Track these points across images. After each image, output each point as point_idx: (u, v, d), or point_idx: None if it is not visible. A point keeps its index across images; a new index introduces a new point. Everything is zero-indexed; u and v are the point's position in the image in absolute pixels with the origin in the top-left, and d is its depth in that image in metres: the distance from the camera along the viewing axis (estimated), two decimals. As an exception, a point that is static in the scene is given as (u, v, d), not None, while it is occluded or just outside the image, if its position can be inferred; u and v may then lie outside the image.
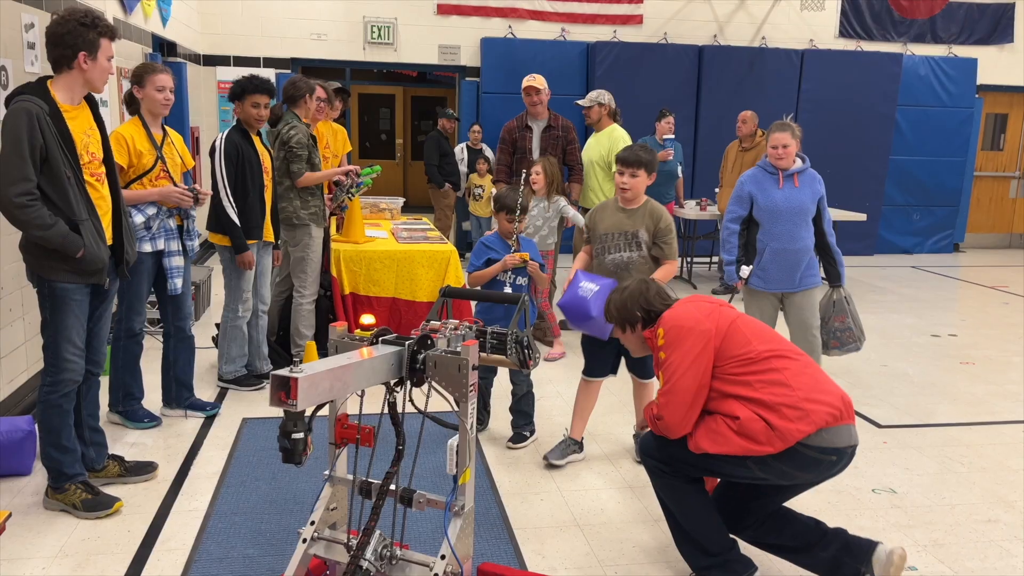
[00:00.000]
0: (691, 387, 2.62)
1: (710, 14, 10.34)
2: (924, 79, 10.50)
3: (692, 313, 2.72)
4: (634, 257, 3.68)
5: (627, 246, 3.69)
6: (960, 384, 5.27)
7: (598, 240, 3.76)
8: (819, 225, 4.47)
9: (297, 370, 2.02)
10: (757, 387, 2.57)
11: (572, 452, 3.86)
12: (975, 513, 3.47)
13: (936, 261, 10.40)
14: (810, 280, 4.48)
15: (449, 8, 9.78)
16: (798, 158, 4.47)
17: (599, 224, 3.78)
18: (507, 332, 2.63)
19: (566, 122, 5.82)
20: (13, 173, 2.88)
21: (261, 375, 4.78)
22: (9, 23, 4.01)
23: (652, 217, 3.70)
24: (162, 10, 7.35)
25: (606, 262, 3.72)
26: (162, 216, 3.88)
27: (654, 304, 2.84)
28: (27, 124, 2.88)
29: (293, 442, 2.11)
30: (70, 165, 3.01)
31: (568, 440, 3.89)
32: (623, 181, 3.70)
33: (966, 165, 10.95)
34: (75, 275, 3.09)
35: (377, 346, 2.41)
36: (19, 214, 2.91)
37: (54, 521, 3.17)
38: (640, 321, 2.86)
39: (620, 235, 3.70)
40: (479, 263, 4.03)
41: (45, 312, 3.13)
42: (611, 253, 3.71)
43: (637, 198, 3.74)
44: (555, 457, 3.81)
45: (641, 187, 3.71)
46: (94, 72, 3.10)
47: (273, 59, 9.46)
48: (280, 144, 4.79)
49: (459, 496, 2.46)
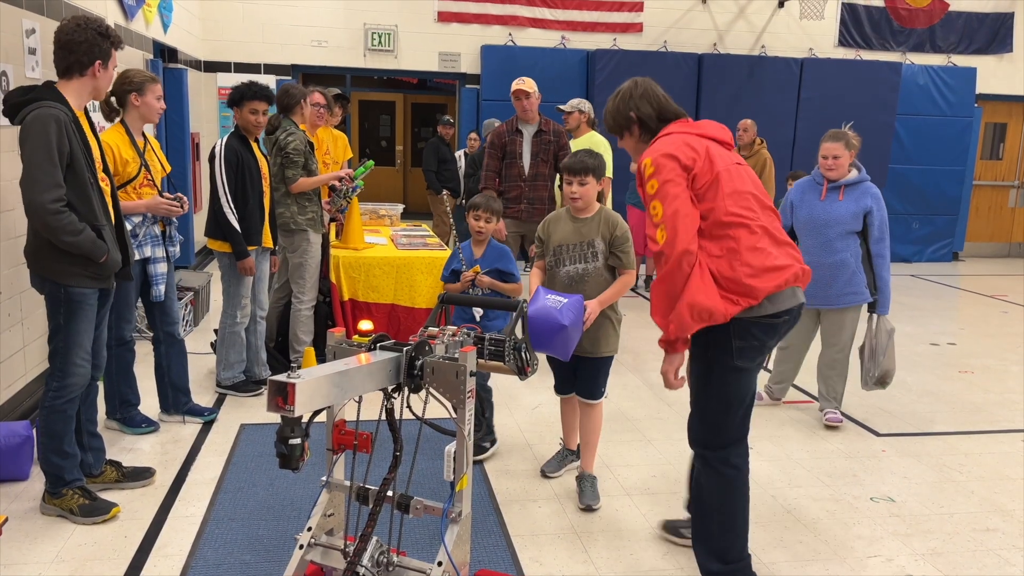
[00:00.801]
0: (680, 210, 2.55)
1: (710, 23, 10.38)
2: (923, 88, 10.54)
3: (678, 145, 2.63)
4: (589, 268, 3.43)
5: (582, 257, 3.45)
6: (959, 393, 5.27)
7: (551, 252, 3.52)
8: (866, 241, 4.28)
9: (294, 375, 2.02)
10: (712, 253, 2.58)
11: (569, 462, 3.82)
12: (973, 522, 3.47)
13: (935, 270, 10.42)
14: (850, 298, 4.31)
15: (449, 15, 9.82)
16: (853, 168, 4.31)
17: (552, 235, 3.53)
18: (505, 339, 2.63)
19: (557, 127, 5.63)
20: (46, 180, 2.90)
21: (259, 381, 4.77)
22: (10, 28, 4.02)
23: (608, 224, 3.45)
24: (163, 16, 7.37)
25: (560, 275, 3.47)
26: (147, 223, 3.89)
27: (641, 107, 2.77)
28: (56, 131, 2.90)
29: (290, 448, 2.11)
30: (91, 171, 3.04)
31: (563, 451, 3.85)
32: (572, 191, 3.43)
33: (965, 174, 10.98)
34: (91, 280, 3.11)
35: (375, 352, 2.41)
36: (52, 220, 2.92)
37: (51, 526, 3.16)
38: (636, 124, 2.79)
39: (575, 246, 3.46)
40: (446, 273, 3.95)
41: (58, 318, 3.12)
42: (565, 265, 3.47)
43: (589, 206, 3.49)
44: (551, 469, 3.78)
45: (592, 194, 3.47)
46: (103, 81, 3.15)
47: (274, 65, 9.49)
48: (277, 150, 4.80)
49: (456, 502, 2.46)
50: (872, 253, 4.29)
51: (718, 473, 2.74)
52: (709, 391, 2.71)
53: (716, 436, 2.74)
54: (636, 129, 2.81)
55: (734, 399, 2.71)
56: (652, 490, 3.66)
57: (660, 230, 2.55)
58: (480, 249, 3.91)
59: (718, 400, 2.71)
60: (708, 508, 2.78)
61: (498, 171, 5.57)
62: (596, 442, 3.61)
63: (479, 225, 3.87)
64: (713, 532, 2.77)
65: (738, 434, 2.76)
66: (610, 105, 2.86)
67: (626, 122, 2.81)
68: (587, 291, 3.38)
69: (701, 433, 2.78)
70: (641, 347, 5.84)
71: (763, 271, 2.57)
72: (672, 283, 2.55)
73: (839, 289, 4.32)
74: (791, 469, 3.95)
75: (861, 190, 4.30)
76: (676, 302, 2.55)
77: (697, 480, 2.82)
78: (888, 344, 4.33)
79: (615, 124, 2.85)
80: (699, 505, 2.82)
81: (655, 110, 2.78)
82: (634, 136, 2.83)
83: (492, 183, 5.55)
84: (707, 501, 2.78)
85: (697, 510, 2.84)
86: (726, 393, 2.70)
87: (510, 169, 5.49)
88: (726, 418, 2.72)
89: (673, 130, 2.72)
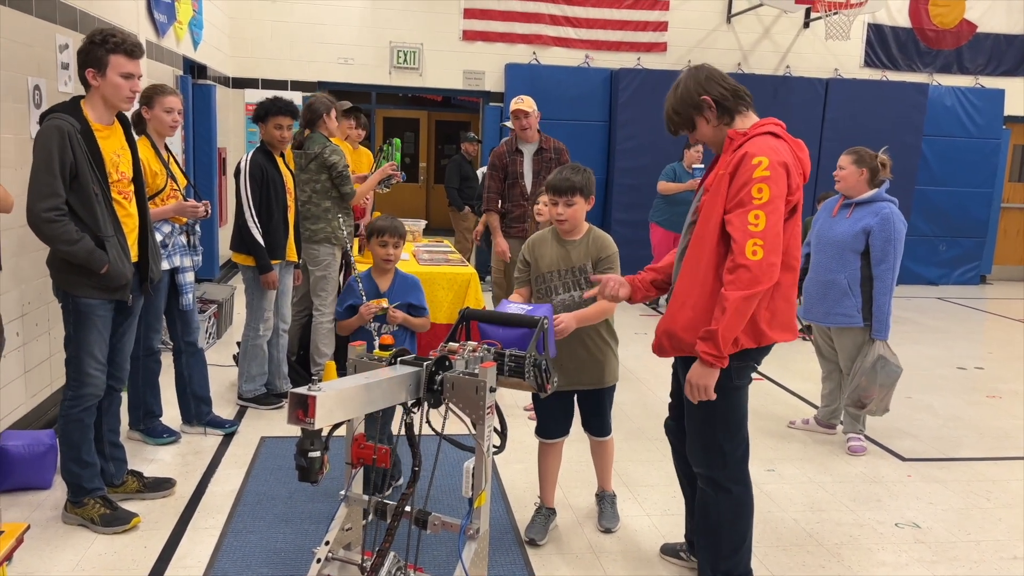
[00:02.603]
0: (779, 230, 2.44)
1: (734, 42, 10.37)
2: (950, 109, 10.44)
3: (792, 160, 2.52)
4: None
5: (576, 284, 3.20)
6: (986, 418, 5.18)
7: (539, 279, 3.25)
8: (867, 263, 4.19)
9: (315, 388, 2.02)
10: None
11: (553, 522, 3.41)
12: (1000, 550, 3.40)
13: (962, 293, 10.27)
14: (838, 319, 4.24)
15: (474, 34, 9.89)
16: (874, 188, 4.22)
17: (539, 259, 3.25)
18: (525, 355, 2.62)
19: (558, 144, 5.49)
20: (43, 189, 2.94)
21: (280, 394, 4.80)
22: (43, 43, 4.10)
23: (596, 246, 3.21)
24: (194, 34, 7.50)
25: (555, 303, 3.18)
26: (175, 233, 3.94)
27: (711, 89, 2.58)
28: (58, 141, 2.94)
29: (309, 460, 2.12)
30: (98, 182, 3.06)
31: (544, 511, 3.41)
32: (558, 212, 3.17)
33: (993, 196, 10.84)
34: (99, 291, 3.13)
35: (395, 366, 2.41)
36: (46, 229, 2.96)
37: (72, 535, 3.19)
38: (711, 107, 2.59)
39: (566, 272, 3.21)
40: (341, 308, 3.54)
41: (69, 327, 3.18)
42: (559, 293, 3.21)
43: (577, 228, 3.22)
44: (539, 536, 3.29)
45: (580, 215, 3.20)
46: (106, 89, 3.11)
47: (300, 82, 9.60)
48: (321, 167, 4.83)
49: (474, 519, 2.45)
50: (872, 275, 4.18)
51: (727, 491, 2.74)
52: (716, 414, 2.67)
53: (724, 457, 2.72)
54: (711, 113, 2.60)
55: (738, 418, 2.72)
56: (671, 511, 3.62)
57: (754, 243, 2.38)
58: (386, 280, 3.54)
59: (724, 422, 2.69)
60: (717, 527, 2.76)
61: (500, 192, 5.49)
62: (611, 464, 3.52)
63: (386, 252, 3.49)
64: (722, 552, 2.76)
65: (743, 451, 2.76)
66: (671, 101, 2.67)
67: (697, 109, 2.61)
68: None
69: (709, 457, 2.75)
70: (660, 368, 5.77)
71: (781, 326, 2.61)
72: (751, 304, 2.42)
73: (827, 308, 4.28)
74: (814, 492, 3.90)
75: (871, 210, 4.19)
76: (745, 319, 2.45)
77: (703, 503, 2.80)
78: (873, 370, 4.15)
79: (682, 118, 2.65)
80: (707, 524, 2.79)
81: (727, 88, 2.60)
82: (710, 122, 2.62)
83: (494, 205, 5.49)
84: (716, 521, 2.76)
85: (704, 529, 2.81)
86: (731, 414, 2.70)
87: (512, 189, 5.42)
88: (734, 437, 2.72)
89: (778, 132, 2.56)
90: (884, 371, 4.16)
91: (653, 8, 10.11)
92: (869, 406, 4.25)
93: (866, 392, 4.20)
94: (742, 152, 2.47)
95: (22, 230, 3.42)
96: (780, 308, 2.59)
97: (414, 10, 9.72)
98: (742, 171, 2.44)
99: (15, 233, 3.71)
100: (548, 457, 3.39)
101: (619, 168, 9.60)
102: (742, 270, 2.39)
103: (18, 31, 3.82)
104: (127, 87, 3.14)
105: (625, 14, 10.07)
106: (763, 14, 10.20)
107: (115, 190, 3.18)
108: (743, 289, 2.39)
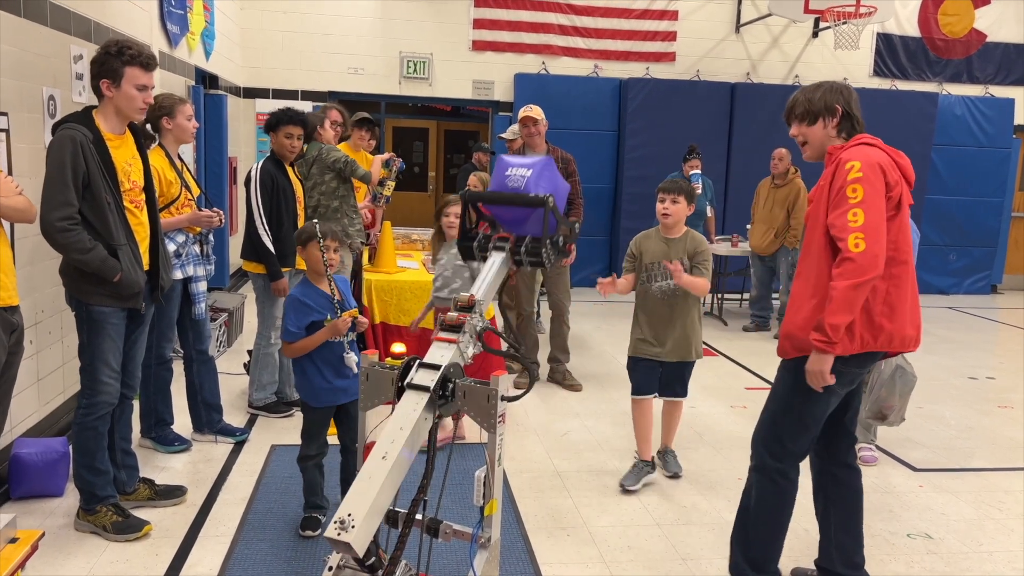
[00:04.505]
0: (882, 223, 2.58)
1: (743, 52, 10.38)
2: (960, 119, 10.41)
3: (887, 161, 2.68)
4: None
5: (672, 274, 3.80)
6: (998, 428, 5.15)
7: (643, 269, 3.92)
8: None
9: (347, 534, 1.97)
10: None
11: (646, 474, 3.96)
12: (1014, 561, 3.37)
13: (973, 302, 10.22)
14: None
15: (484, 44, 9.93)
16: None
17: (644, 252, 3.93)
18: (540, 239, 2.43)
19: (565, 154, 5.42)
20: (56, 198, 2.97)
21: (291, 402, 4.81)
22: (58, 54, 4.14)
23: (692, 244, 3.87)
24: (206, 44, 7.55)
25: (652, 290, 3.88)
26: (189, 243, 3.97)
27: (851, 105, 2.82)
28: (71, 151, 2.97)
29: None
30: (111, 191, 3.09)
31: (640, 464, 3.98)
32: (664, 208, 3.83)
33: (1004, 206, 10.79)
34: (112, 299, 3.15)
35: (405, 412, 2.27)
36: (60, 238, 2.99)
37: (84, 542, 3.20)
38: (838, 116, 2.80)
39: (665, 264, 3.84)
40: (301, 326, 3.27)
41: (83, 335, 3.20)
42: (657, 281, 3.87)
43: (677, 225, 3.89)
44: (630, 483, 3.89)
45: (682, 214, 3.85)
46: (120, 100, 3.14)
47: (311, 92, 9.65)
48: (324, 168, 4.90)
49: (485, 528, 2.45)
50: None
51: (774, 483, 2.82)
52: (793, 405, 2.77)
53: (784, 448, 2.80)
54: (835, 121, 2.80)
55: (814, 419, 2.78)
56: (686, 520, 3.61)
57: (856, 237, 2.53)
58: (325, 286, 3.35)
59: (800, 416, 2.77)
60: (756, 516, 2.86)
61: None
62: (678, 424, 4.15)
63: (329, 256, 3.31)
64: (755, 540, 2.85)
65: (803, 451, 2.84)
66: (809, 92, 2.87)
67: (827, 111, 2.80)
68: (679, 306, 3.84)
69: (770, 441, 2.83)
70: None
71: (900, 322, 2.70)
72: (859, 292, 2.55)
73: None
74: (825, 502, 3.88)
75: None
76: (853, 308, 2.56)
77: (748, 490, 2.89)
78: (892, 380, 4.14)
79: (809, 110, 2.84)
80: (746, 512, 2.89)
81: (856, 113, 2.83)
82: (828, 127, 2.81)
83: None
84: (757, 509, 2.85)
85: (743, 517, 2.91)
86: (809, 411, 2.76)
87: None
88: (801, 435, 2.80)
89: (872, 143, 2.74)
90: (902, 380, 4.16)
91: (662, 18, 10.14)
92: (890, 417, 4.24)
93: (887, 403, 4.20)
94: (838, 160, 2.69)
95: (35, 239, 3.45)
96: (899, 303, 2.67)
97: (424, 20, 9.77)
98: (838, 177, 2.64)
99: (28, 242, 3.74)
100: (639, 413, 3.97)
101: (628, 177, 9.61)
102: (847, 262, 2.54)
103: (33, 42, 3.86)
104: (141, 99, 3.17)
105: (634, 24, 10.10)
106: (772, 24, 10.21)
107: (127, 199, 3.21)
108: (849, 279, 2.53)
